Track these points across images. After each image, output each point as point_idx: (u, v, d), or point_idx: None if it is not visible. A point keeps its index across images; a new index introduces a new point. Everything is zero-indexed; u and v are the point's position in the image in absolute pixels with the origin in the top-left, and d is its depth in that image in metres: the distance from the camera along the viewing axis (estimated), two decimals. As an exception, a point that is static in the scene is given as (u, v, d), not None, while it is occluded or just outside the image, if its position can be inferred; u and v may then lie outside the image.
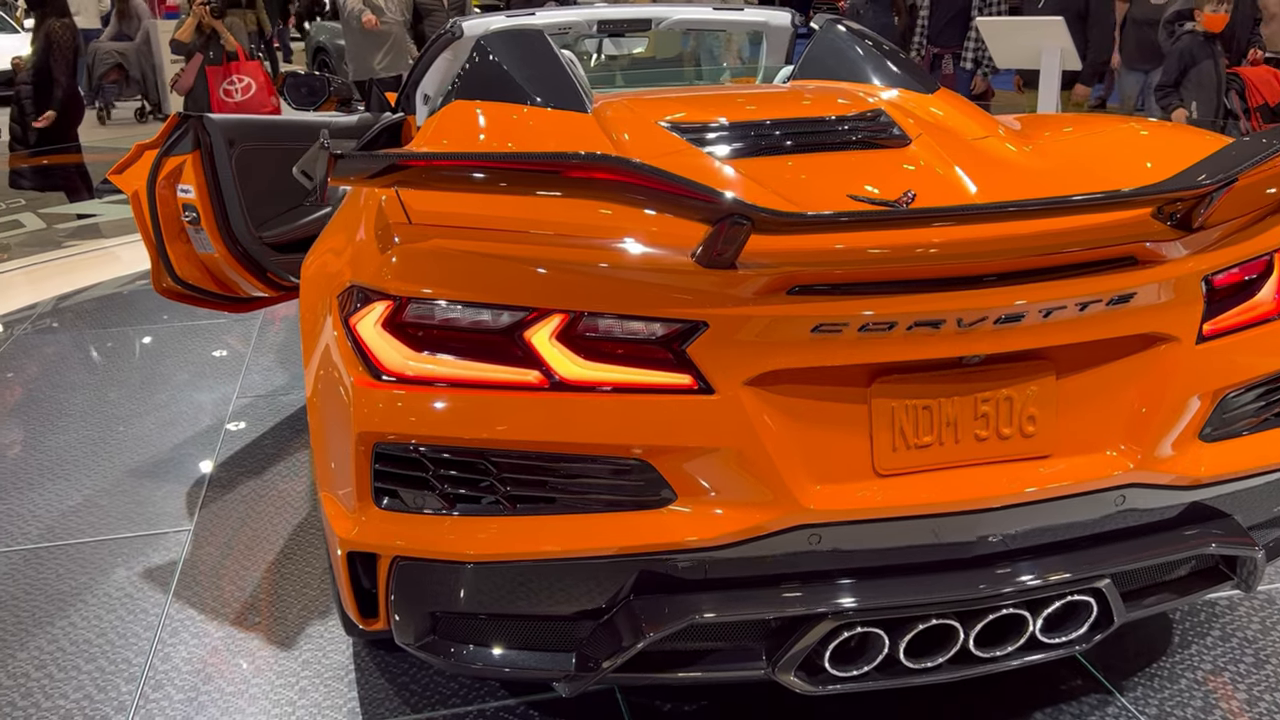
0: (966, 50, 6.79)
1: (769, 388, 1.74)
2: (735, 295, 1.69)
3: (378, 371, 1.75)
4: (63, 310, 5.41)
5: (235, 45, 7.99)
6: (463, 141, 2.65)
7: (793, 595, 1.79)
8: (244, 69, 7.87)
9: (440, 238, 1.77)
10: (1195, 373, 1.88)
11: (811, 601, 1.78)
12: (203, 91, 7.85)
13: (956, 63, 6.97)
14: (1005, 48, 5.97)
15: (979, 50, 6.61)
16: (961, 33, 6.85)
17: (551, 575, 1.80)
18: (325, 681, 2.39)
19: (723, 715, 2.23)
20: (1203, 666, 2.36)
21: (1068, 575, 1.84)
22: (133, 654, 2.50)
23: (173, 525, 3.13)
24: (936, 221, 1.65)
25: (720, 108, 2.67)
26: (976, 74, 6.79)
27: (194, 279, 3.61)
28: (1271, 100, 5.93)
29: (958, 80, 6.88)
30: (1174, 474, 1.89)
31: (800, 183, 2.10)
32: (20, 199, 8.04)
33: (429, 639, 1.89)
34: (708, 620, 1.77)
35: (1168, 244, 1.81)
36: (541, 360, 1.73)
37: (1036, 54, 5.61)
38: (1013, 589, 1.81)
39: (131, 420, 3.92)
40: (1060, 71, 5.67)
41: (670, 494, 1.76)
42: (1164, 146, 2.35)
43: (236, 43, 8.02)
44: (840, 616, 1.77)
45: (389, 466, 1.77)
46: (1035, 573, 1.83)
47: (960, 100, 2.76)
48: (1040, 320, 1.75)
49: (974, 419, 1.80)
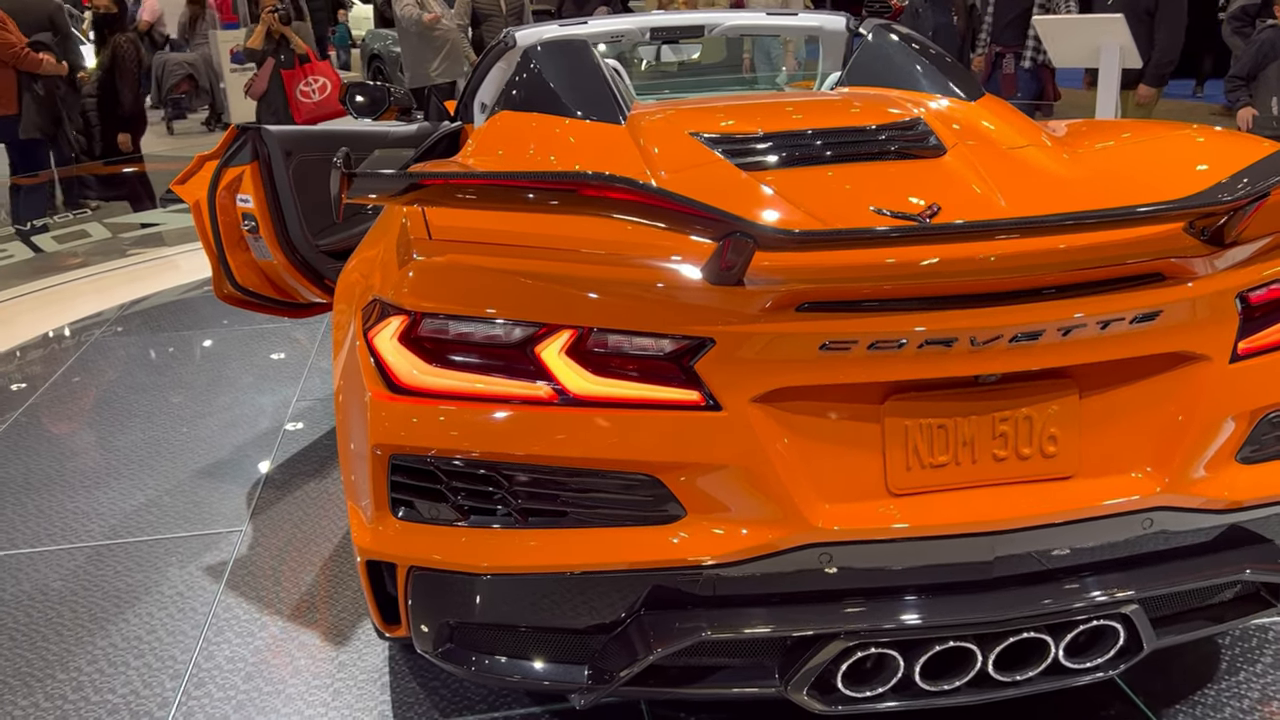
0: (1026, 50, 6.63)
1: (778, 405, 1.72)
2: (742, 312, 1.68)
3: (394, 385, 1.79)
4: (130, 317, 5.61)
5: (305, 48, 8.22)
6: (504, 153, 2.69)
7: (803, 614, 1.77)
8: (317, 69, 8.13)
9: (456, 253, 1.80)
10: (1229, 393, 1.81)
11: (822, 621, 1.77)
12: (278, 94, 8.10)
13: (1018, 62, 6.82)
14: (1064, 46, 5.81)
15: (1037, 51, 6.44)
16: (1023, 31, 6.69)
17: (564, 588, 1.82)
18: (359, 684, 2.44)
19: None
20: (1250, 695, 2.27)
21: (1091, 600, 1.79)
22: (179, 651, 2.59)
23: (227, 525, 3.23)
24: (945, 238, 1.62)
25: (757, 117, 2.65)
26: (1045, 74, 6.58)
27: (253, 285, 3.72)
28: None
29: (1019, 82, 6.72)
30: (1206, 497, 1.82)
31: (827, 195, 2.08)
32: (87, 209, 8.36)
33: (447, 647, 1.92)
34: (717, 637, 1.77)
35: (1198, 260, 1.75)
36: (552, 375, 1.74)
37: (1095, 52, 5.45)
38: (1032, 613, 1.77)
39: (195, 421, 4.05)
40: (1120, 71, 5.49)
41: (679, 510, 1.76)
42: (1214, 156, 2.26)
43: (306, 45, 8.25)
44: (852, 636, 1.75)
45: (405, 478, 1.81)
46: (1056, 596, 1.79)
47: (1004, 107, 2.70)
48: (1059, 339, 1.70)
49: (992, 438, 1.77)
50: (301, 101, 7.94)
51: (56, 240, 7.45)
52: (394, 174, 1.66)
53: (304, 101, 7.93)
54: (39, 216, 7.98)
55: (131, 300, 5.88)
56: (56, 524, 3.28)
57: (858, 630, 1.75)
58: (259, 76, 8.24)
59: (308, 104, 7.92)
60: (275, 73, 8.08)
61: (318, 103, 7.96)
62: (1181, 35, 5.98)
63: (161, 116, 12.74)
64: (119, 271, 6.54)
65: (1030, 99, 7.20)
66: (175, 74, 12.25)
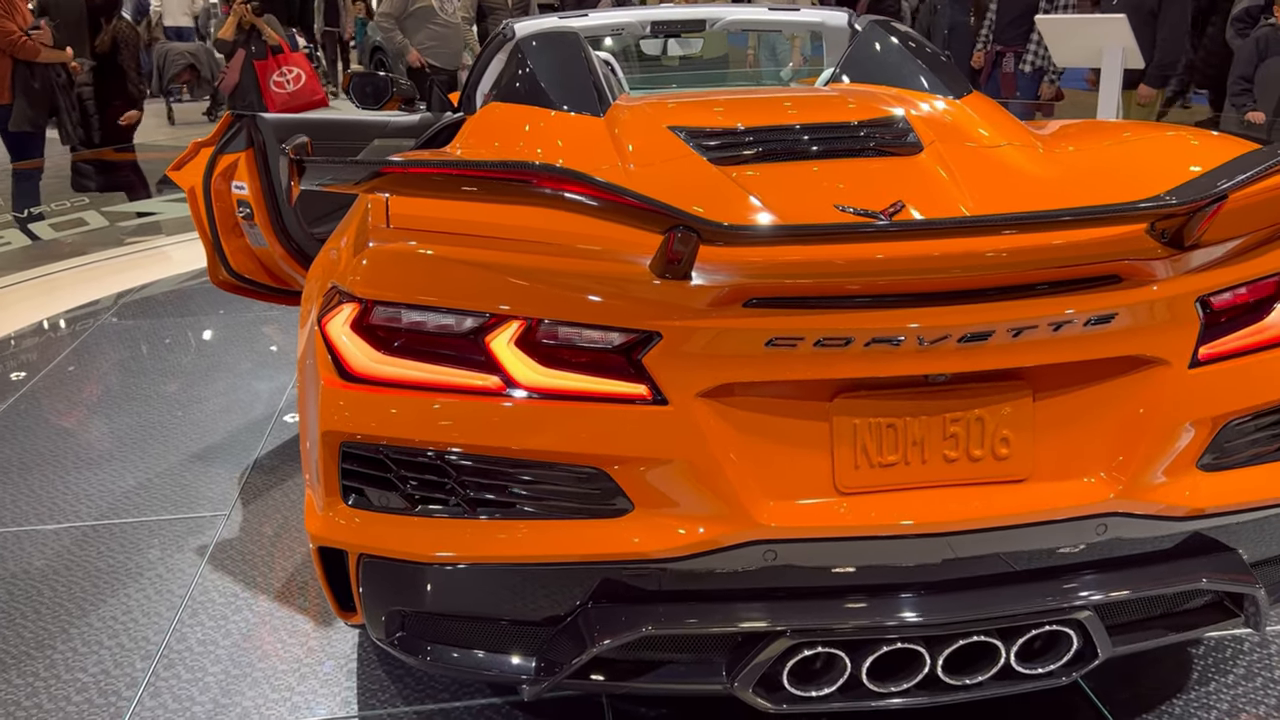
0: (1027, 53, 6.55)
1: (724, 400, 1.71)
2: (689, 307, 1.67)
3: (346, 372, 1.79)
4: (131, 305, 5.66)
5: (278, 39, 8.15)
6: (487, 143, 2.69)
7: (748, 611, 1.76)
8: (291, 60, 8.05)
9: (410, 242, 1.80)
10: (1189, 399, 1.78)
11: (766, 618, 1.75)
12: (251, 86, 8.00)
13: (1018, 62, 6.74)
14: (1066, 47, 5.73)
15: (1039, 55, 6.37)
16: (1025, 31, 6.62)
17: (514, 579, 1.82)
18: (326, 670, 2.45)
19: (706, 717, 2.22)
20: (1219, 706, 2.24)
21: (1042, 605, 1.77)
22: (152, 633, 2.62)
23: (212, 509, 3.25)
24: (892, 236, 1.60)
25: (738, 112, 2.64)
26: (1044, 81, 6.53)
27: (248, 272, 3.75)
28: None
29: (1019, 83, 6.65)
30: (1163, 504, 1.79)
31: (793, 191, 2.06)
32: (84, 198, 8.38)
33: (399, 635, 1.92)
34: (660, 632, 1.76)
35: (1157, 262, 1.72)
36: (500, 366, 1.74)
37: (1098, 53, 5.37)
38: (980, 616, 1.75)
39: (190, 406, 4.09)
40: (1122, 71, 5.41)
41: (627, 504, 1.76)
42: (1194, 158, 2.22)
43: (279, 36, 8.19)
44: (797, 635, 1.74)
45: (355, 465, 1.81)
46: (1005, 601, 1.77)
47: (989, 105, 2.66)
48: (1010, 340, 1.68)
49: (943, 439, 1.75)
50: (275, 92, 7.88)
51: (54, 228, 7.49)
52: (351, 161, 1.66)
53: (278, 92, 7.88)
54: (34, 204, 8.00)
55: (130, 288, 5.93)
56: (46, 504, 3.32)
57: (803, 628, 1.74)
58: (230, 69, 8.15)
59: (282, 95, 7.87)
60: (248, 64, 8.00)
61: (292, 93, 7.90)
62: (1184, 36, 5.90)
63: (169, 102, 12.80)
64: (116, 260, 6.58)
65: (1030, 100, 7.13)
66: (177, 64, 12.28)
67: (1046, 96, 6.54)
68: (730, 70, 4.78)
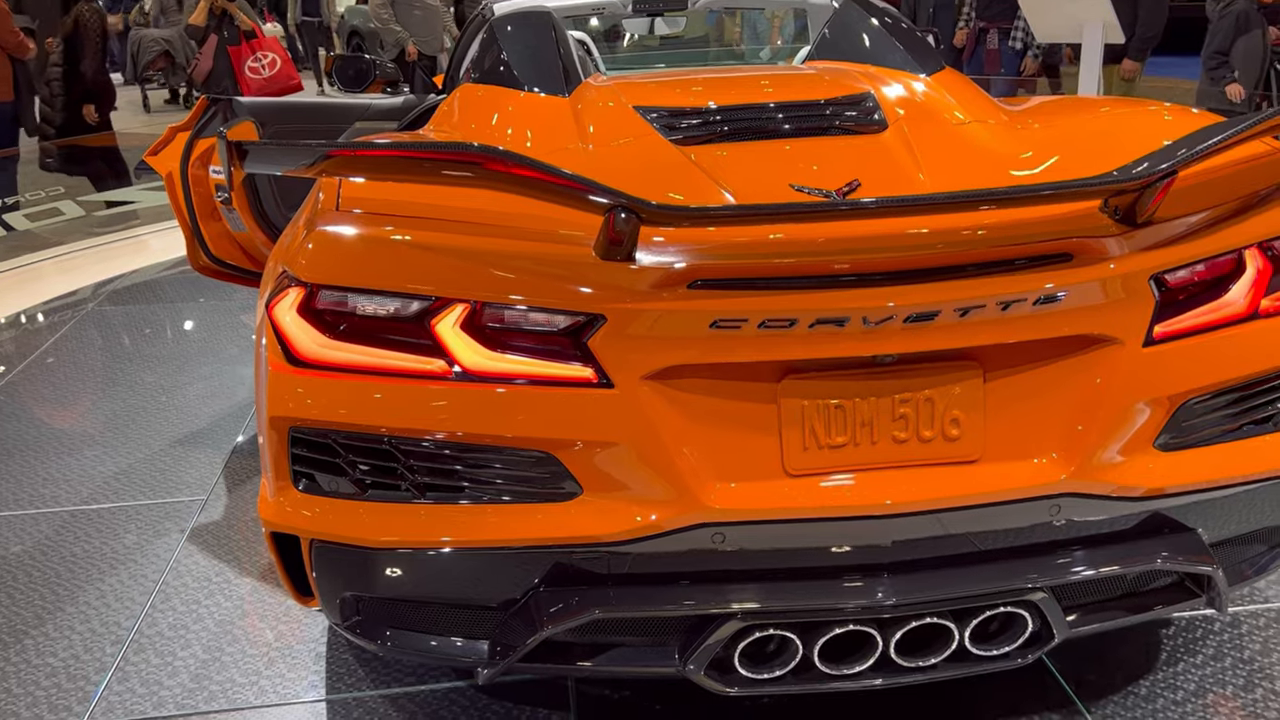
0: (1016, 30, 6.50)
1: (670, 383, 1.70)
2: (633, 289, 1.66)
3: (293, 357, 1.78)
4: (111, 294, 5.64)
5: (251, 23, 8.01)
6: (461, 126, 2.68)
7: (697, 594, 1.75)
8: (265, 44, 7.89)
9: (355, 225, 1.79)
10: (1143, 378, 1.76)
11: (715, 601, 1.75)
12: (226, 72, 7.84)
13: (1004, 38, 6.68)
14: (1046, 21, 5.66)
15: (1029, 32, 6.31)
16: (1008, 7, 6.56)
17: (464, 564, 1.81)
18: (294, 654, 2.46)
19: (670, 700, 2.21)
20: (1185, 686, 2.22)
21: (995, 586, 1.76)
22: (124, 618, 2.62)
23: (189, 494, 3.26)
24: (836, 216, 1.58)
25: (707, 91, 2.62)
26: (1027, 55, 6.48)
27: (229, 256, 3.74)
28: None
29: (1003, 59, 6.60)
30: (1118, 484, 1.77)
31: (749, 170, 2.04)
32: (60, 186, 8.32)
33: (354, 620, 1.92)
34: (611, 615, 1.75)
35: (1109, 239, 1.70)
36: (446, 350, 1.73)
37: (1078, 27, 5.30)
38: (931, 598, 1.74)
39: (175, 391, 4.10)
40: (1103, 46, 5.34)
41: (575, 488, 1.75)
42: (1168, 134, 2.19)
43: (251, 20, 8.05)
44: (746, 617, 1.73)
45: (304, 451, 1.81)
46: (957, 582, 1.76)
47: (960, 81, 2.63)
48: (957, 319, 1.66)
49: (892, 420, 1.73)
50: (250, 78, 7.75)
51: (28, 219, 7.45)
52: (293, 144, 1.65)
53: (253, 78, 7.74)
54: (10, 194, 7.91)
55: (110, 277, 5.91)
56: (25, 490, 3.33)
57: (753, 611, 1.73)
58: (203, 55, 7.97)
59: (257, 80, 7.73)
60: (221, 50, 7.84)
61: (268, 79, 7.75)
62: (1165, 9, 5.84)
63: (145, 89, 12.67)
64: (95, 250, 6.55)
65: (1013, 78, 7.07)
66: (151, 50, 12.12)
67: (1029, 72, 6.49)
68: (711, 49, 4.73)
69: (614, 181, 1.65)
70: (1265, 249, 1.83)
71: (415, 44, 7.98)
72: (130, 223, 7.37)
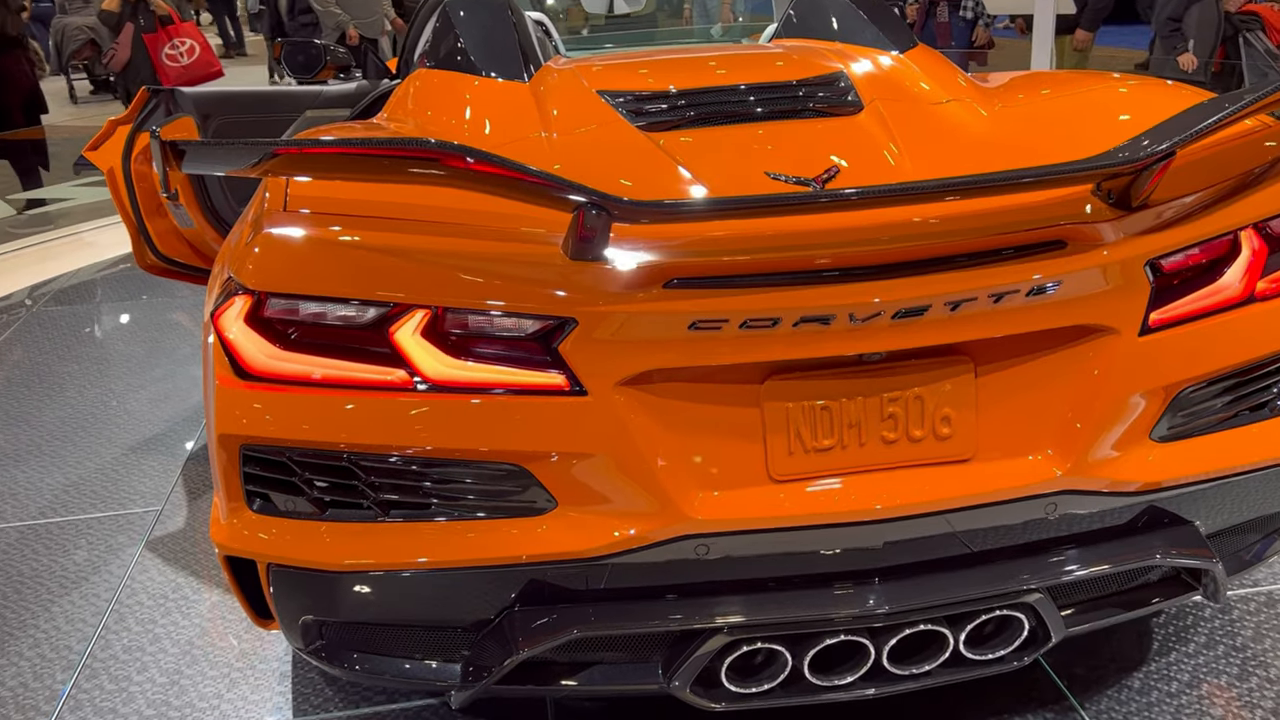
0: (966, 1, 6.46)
1: (647, 389, 1.60)
2: (605, 290, 1.55)
3: (241, 370, 1.66)
4: (52, 295, 5.43)
5: (167, 8, 7.71)
6: (416, 113, 2.55)
7: (681, 609, 1.67)
8: (183, 31, 7.59)
9: (305, 227, 1.67)
10: (1139, 368, 1.68)
11: (700, 615, 1.66)
12: (143, 61, 7.53)
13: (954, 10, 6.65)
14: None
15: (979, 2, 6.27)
16: None
17: (433, 585, 1.71)
18: (258, 675, 2.34)
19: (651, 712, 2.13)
20: (1179, 677, 2.17)
21: (990, 590, 1.69)
22: (75, 640, 2.50)
23: (143, 505, 3.12)
24: (819, 207, 1.48)
25: (672, 73, 2.51)
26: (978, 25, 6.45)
27: (177, 254, 3.59)
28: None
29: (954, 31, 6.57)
30: (1115, 479, 1.71)
31: (723, 158, 1.94)
32: None
33: (318, 644, 1.82)
34: (589, 635, 1.66)
35: (1103, 225, 1.62)
36: (407, 359, 1.62)
37: None
38: (925, 604, 1.67)
39: (126, 395, 3.94)
40: (1055, 16, 5.30)
41: (549, 502, 1.65)
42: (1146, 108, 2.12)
43: (167, 6, 7.76)
44: (734, 631, 1.65)
45: (258, 470, 1.69)
46: (952, 587, 1.68)
47: (934, 59, 2.54)
48: (948, 314, 1.57)
49: (880, 420, 1.64)
50: (169, 66, 7.44)
51: None
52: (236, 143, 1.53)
53: (171, 66, 7.44)
54: None
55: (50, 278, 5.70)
56: (-31, 506, 3.18)
57: (739, 624, 1.65)
58: (120, 44, 7.64)
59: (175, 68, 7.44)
60: (137, 38, 7.53)
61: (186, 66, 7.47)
62: None
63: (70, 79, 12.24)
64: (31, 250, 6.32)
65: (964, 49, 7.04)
66: (76, 39, 11.60)
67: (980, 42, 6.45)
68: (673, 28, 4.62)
69: (580, 173, 1.55)
70: (1260, 229, 1.76)
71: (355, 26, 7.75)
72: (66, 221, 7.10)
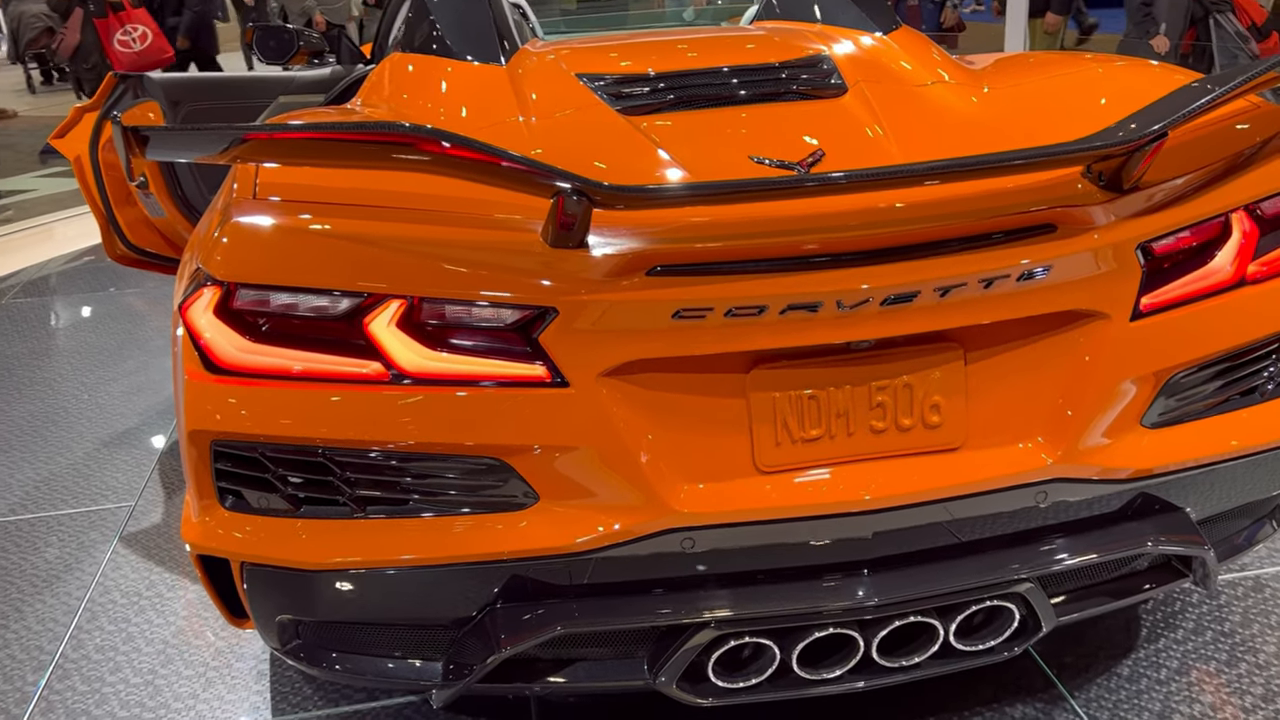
0: None
1: (630, 379, 1.56)
2: (587, 278, 1.51)
3: (211, 363, 1.61)
4: (23, 286, 5.34)
5: None
6: (392, 98, 2.49)
7: (666, 603, 1.63)
8: (134, 17, 7.37)
9: (275, 215, 1.62)
10: (1130, 353, 1.65)
11: (687, 610, 1.62)
12: (95, 47, 7.34)
13: None
14: None
15: None
16: None
17: (412, 582, 1.66)
18: (235, 674, 2.29)
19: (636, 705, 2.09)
20: (1168, 664, 2.16)
21: (980, 580, 1.66)
22: (46, 641, 2.44)
23: (116, 500, 3.06)
24: (805, 192, 1.44)
25: (654, 55, 2.46)
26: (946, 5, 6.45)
27: (148, 244, 3.52)
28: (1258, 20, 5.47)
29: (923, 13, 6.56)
30: (1106, 466, 1.68)
31: (706, 141, 1.90)
32: None
33: (294, 644, 1.77)
34: (575, 630, 1.62)
35: (1094, 208, 1.58)
36: (382, 351, 1.57)
37: None
38: (915, 596, 1.64)
39: (98, 388, 3.87)
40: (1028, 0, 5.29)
41: (531, 496, 1.60)
42: (1133, 90, 2.09)
43: None
44: (721, 625, 1.62)
45: (230, 466, 1.64)
46: (941, 578, 1.65)
47: (918, 40, 2.50)
48: (937, 300, 1.54)
49: (869, 409, 1.61)
50: (120, 52, 7.23)
51: None
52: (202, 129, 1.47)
53: (123, 52, 7.22)
54: None
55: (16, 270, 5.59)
56: (-63, 503, 3.11)
57: (727, 619, 1.61)
58: (69, 29, 7.45)
59: (128, 54, 7.21)
60: (87, 23, 7.32)
61: (139, 53, 7.24)
62: None
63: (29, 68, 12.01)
64: None
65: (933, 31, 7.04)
66: (33, 26, 11.34)
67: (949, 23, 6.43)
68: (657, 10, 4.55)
69: (560, 158, 1.50)
70: (1251, 211, 1.73)
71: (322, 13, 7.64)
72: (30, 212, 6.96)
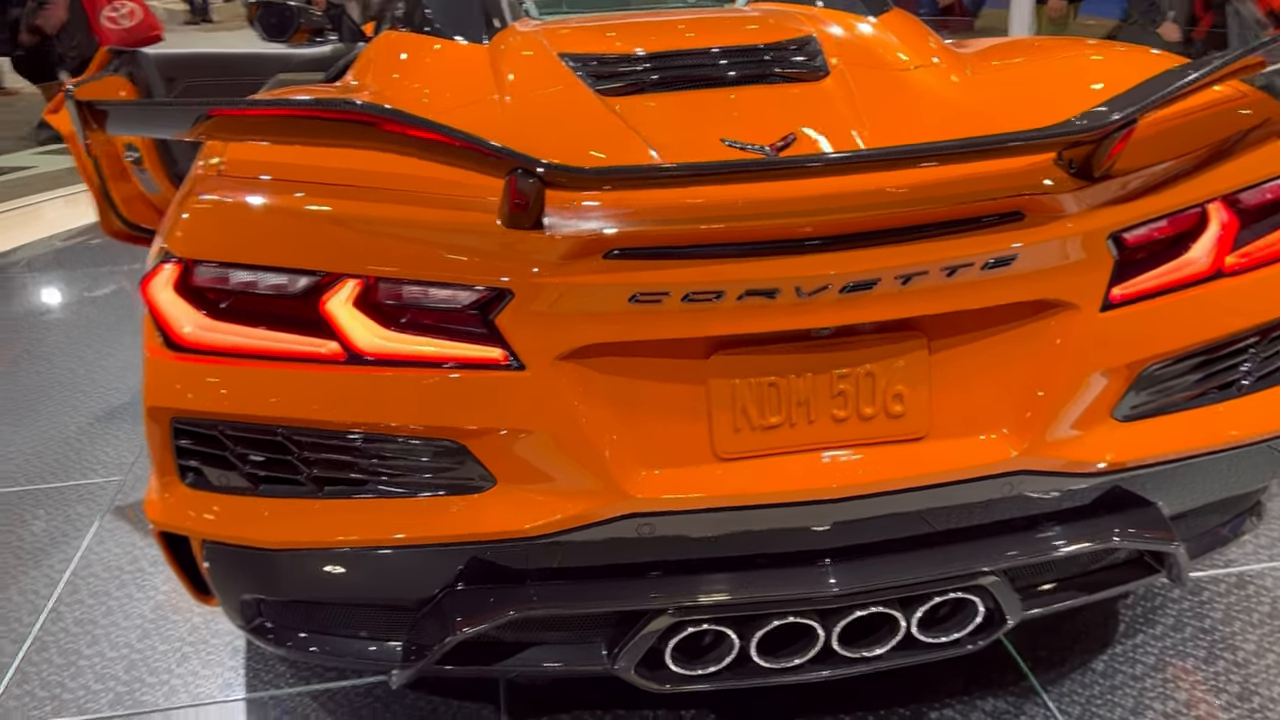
0: None
1: (587, 363, 1.55)
2: (543, 260, 1.49)
3: (170, 340, 1.61)
4: (18, 263, 5.35)
5: None
6: (382, 76, 2.48)
7: (623, 589, 1.62)
8: None
9: (234, 192, 1.61)
10: (1099, 344, 1.63)
11: (644, 596, 1.62)
12: (80, 25, 7.24)
13: None
14: None
15: None
16: None
17: (371, 563, 1.66)
18: (210, 649, 2.30)
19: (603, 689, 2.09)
20: (1144, 660, 2.13)
21: (943, 571, 1.64)
22: (26, 614, 2.45)
23: (105, 474, 3.08)
24: (763, 175, 1.42)
25: (639, 35, 2.43)
26: None
27: (143, 219, 3.52)
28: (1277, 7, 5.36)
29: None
30: (1074, 459, 1.65)
31: (677, 123, 1.87)
32: None
33: (257, 623, 1.77)
34: (529, 615, 1.62)
35: (1063, 196, 1.55)
36: (339, 330, 1.56)
37: None
38: (875, 587, 1.62)
39: (94, 362, 3.89)
40: None
41: (488, 480, 1.60)
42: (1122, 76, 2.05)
43: None
44: (678, 612, 1.60)
45: (190, 443, 1.64)
46: (903, 569, 1.63)
47: (909, 23, 2.46)
48: (899, 288, 1.51)
49: (830, 397, 1.59)
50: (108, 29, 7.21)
51: None
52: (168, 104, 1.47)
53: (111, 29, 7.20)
54: None
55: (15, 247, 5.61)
56: (-72, 474, 3.13)
57: (684, 605, 1.60)
58: (55, 4, 7.37)
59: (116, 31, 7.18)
60: None
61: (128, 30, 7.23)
62: None
63: None
64: None
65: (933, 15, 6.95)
66: None
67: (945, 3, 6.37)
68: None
69: (528, 138, 1.49)
70: (1230, 202, 1.70)
71: None
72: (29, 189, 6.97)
